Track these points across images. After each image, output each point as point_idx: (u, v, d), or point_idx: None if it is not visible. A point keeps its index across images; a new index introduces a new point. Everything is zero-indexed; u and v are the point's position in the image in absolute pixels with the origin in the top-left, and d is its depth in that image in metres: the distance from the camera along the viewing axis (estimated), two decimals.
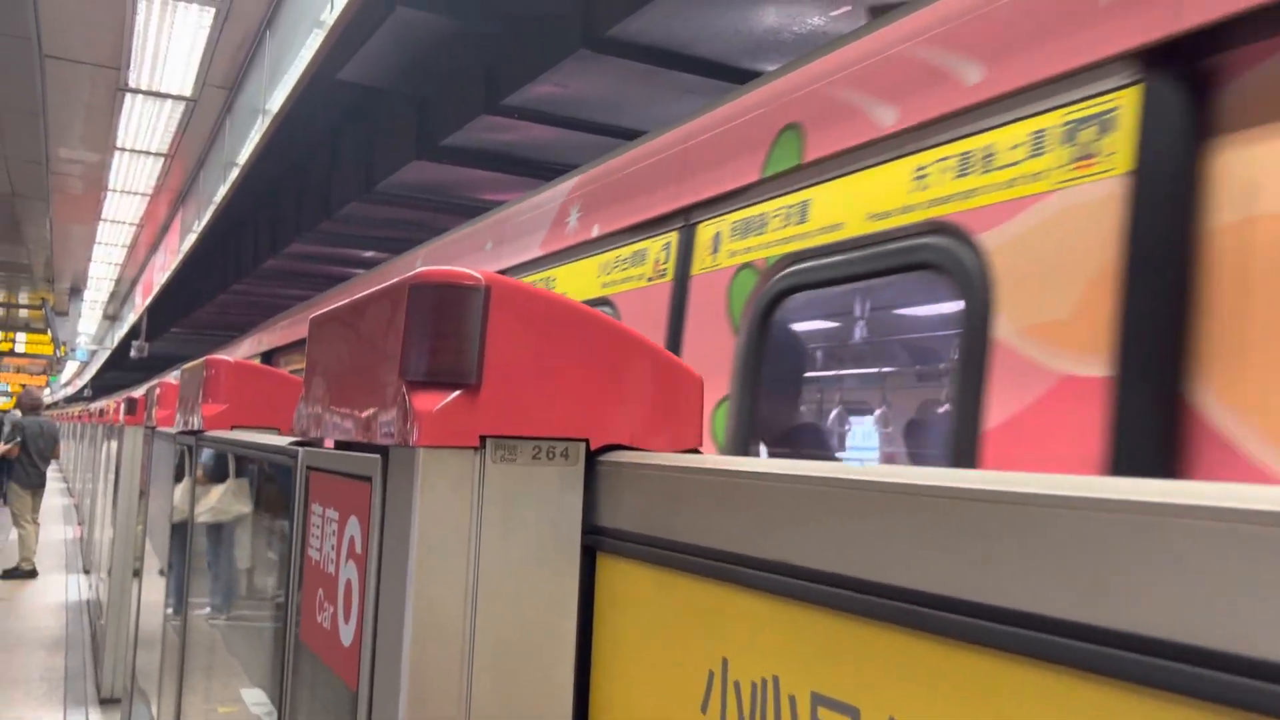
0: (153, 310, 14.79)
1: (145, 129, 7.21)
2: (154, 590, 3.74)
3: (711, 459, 0.94)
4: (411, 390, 1.06)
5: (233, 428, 2.66)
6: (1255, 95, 1.18)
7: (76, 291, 15.09)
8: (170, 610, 3.21)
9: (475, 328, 1.05)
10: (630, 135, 7.58)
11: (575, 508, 1.06)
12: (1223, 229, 1.21)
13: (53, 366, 37.77)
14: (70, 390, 46.09)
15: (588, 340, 1.10)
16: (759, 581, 0.80)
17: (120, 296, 16.85)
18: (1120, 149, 1.36)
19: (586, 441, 1.08)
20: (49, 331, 17.75)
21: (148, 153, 7.59)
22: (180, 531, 3.01)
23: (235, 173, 6.97)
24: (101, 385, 39.91)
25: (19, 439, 11.36)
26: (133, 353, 15.21)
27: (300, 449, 1.58)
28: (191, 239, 9.12)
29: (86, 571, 11.81)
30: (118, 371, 32.99)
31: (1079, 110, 1.40)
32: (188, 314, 16.05)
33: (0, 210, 9.95)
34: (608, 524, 1.04)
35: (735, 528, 0.85)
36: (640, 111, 6.98)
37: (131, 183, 8.55)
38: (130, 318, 16.95)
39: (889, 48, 1.85)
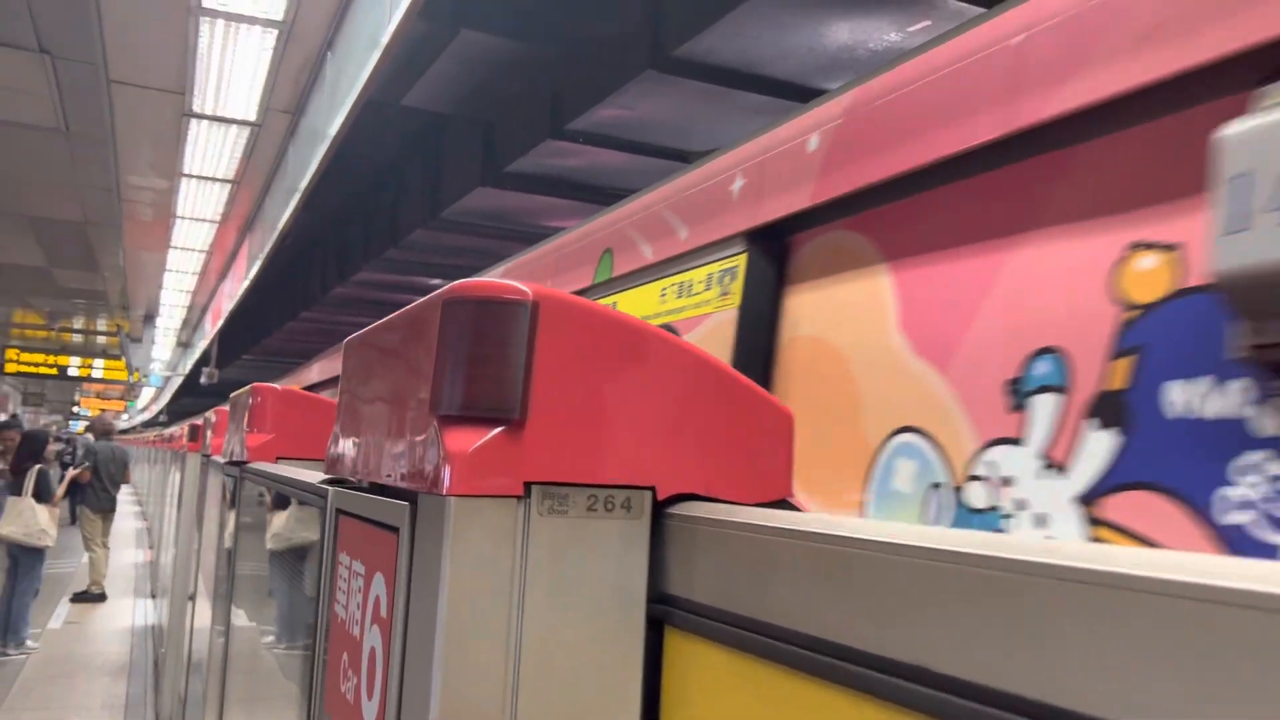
0: (222, 337, 14.97)
1: (211, 155, 7.24)
2: (207, 616, 3.65)
3: (813, 517, 0.75)
4: (444, 426, 0.89)
5: (277, 459, 2.53)
6: (805, 263, 1.90)
7: (150, 318, 15.35)
8: (219, 636, 3.11)
9: (520, 351, 0.88)
10: (695, 158, 7.43)
11: (640, 570, 0.88)
12: (788, 341, 1.92)
13: (129, 392, 38.70)
14: (146, 415, 47.16)
15: (656, 367, 0.92)
16: (877, 686, 0.61)
17: (192, 324, 17.11)
18: (737, 291, 2.07)
19: (653, 490, 0.90)
20: (124, 358, 18.11)
21: (214, 179, 7.62)
22: (229, 557, 2.92)
23: (297, 198, 6.94)
24: (177, 410, 40.76)
25: (90, 464, 11.51)
26: (202, 379, 15.40)
27: (331, 488, 1.41)
28: (258, 266, 9.16)
29: (154, 596, 11.88)
30: (191, 398, 33.66)
31: (722, 265, 2.18)
32: (257, 341, 16.24)
33: (75, 238, 10.12)
34: (679, 593, 0.85)
35: (846, 610, 0.65)
36: (708, 133, 6.81)
37: (199, 209, 8.62)
38: (201, 344, 17.21)
39: (649, 207, 2.60)
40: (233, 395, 3.02)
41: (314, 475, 1.75)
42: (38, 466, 8.35)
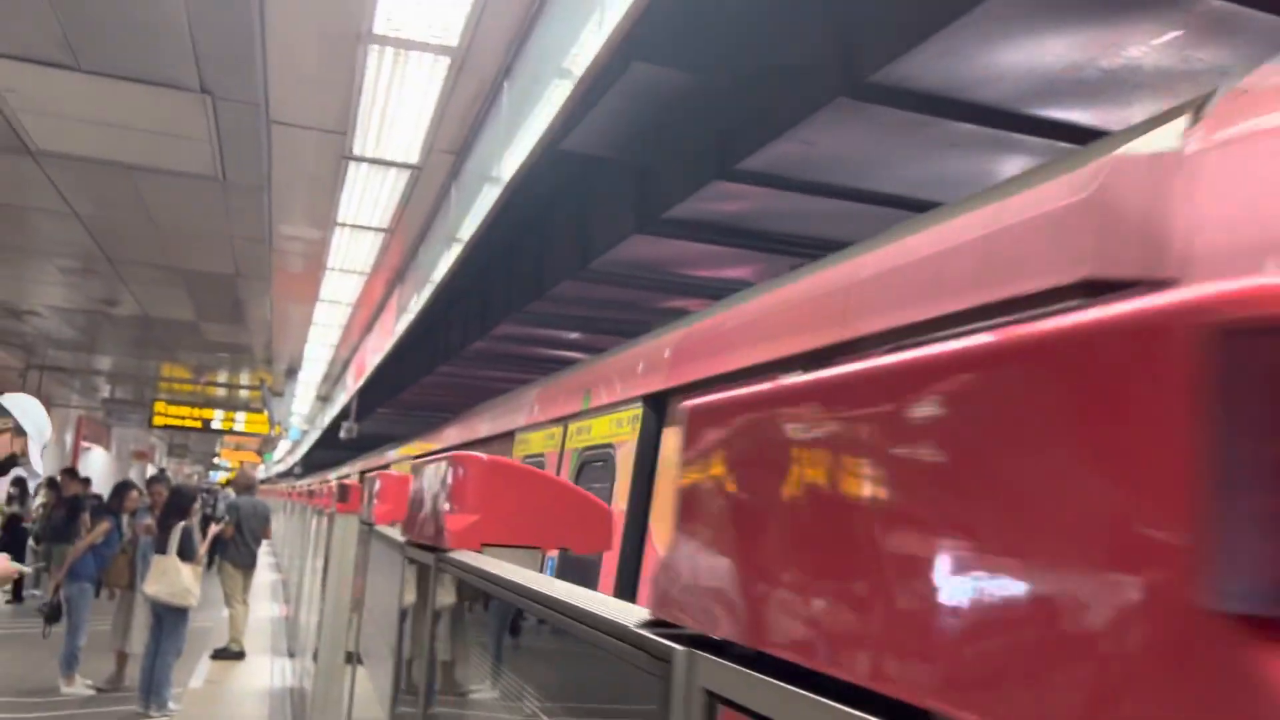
0: (363, 392, 14.90)
1: (368, 201, 6.96)
2: (371, 681, 3.82)
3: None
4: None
5: (482, 547, 1.99)
6: (671, 416, 3.77)
7: (292, 373, 15.43)
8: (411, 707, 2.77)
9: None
10: (880, 201, 6.72)
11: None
12: (664, 460, 4.01)
13: (266, 445, 39.71)
14: (282, 467, 48.42)
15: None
16: None
17: (332, 378, 17.17)
18: (636, 429, 4.18)
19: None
20: (266, 411, 18.30)
21: (368, 228, 7.35)
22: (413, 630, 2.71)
23: (459, 249, 6.59)
24: (310, 463, 41.63)
25: (233, 519, 11.41)
26: (342, 434, 15.37)
27: (683, 649, 0.86)
28: (407, 319, 8.89)
29: (291, 655, 11.62)
30: (325, 450, 34.22)
31: (633, 412, 4.38)
32: (392, 395, 16.12)
33: (225, 291, 10.10)
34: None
35: None
36: (894, 173, 6.18)
37: (351, 260, 8.41)
38: (341, 399, 17.24)
39: (607, 369, 4.22)
40: (419, 464, 2.52)
41: (590, 604, 1.21)
42: (182, 524, 8.17)
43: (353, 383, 14.02)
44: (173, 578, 7.96)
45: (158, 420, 19.55)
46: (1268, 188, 1.76)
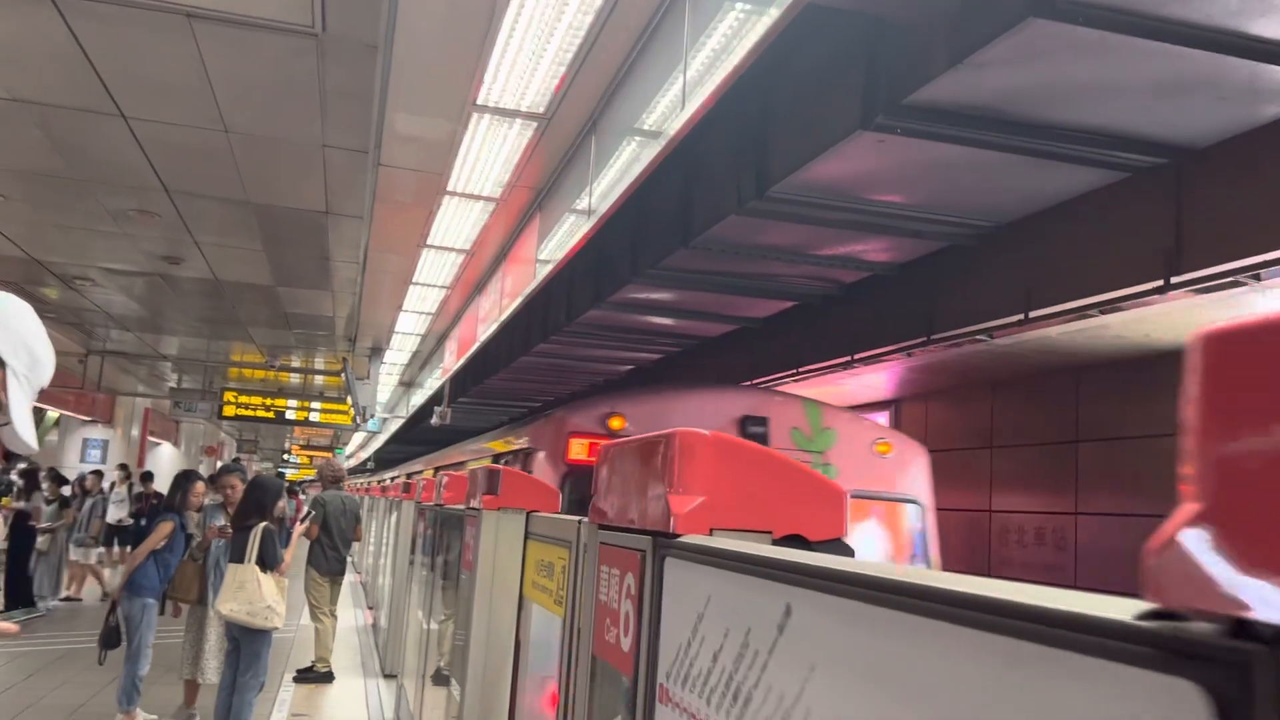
0: (457, 375, 13.20)
1: (514, 83, 5.05)
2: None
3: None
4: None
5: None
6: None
7: (377, 352, 13.71)
8: None
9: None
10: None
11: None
12: None
13: (337, 439, 38.31)
14: (354, 462, 47.23)
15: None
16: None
17: (421, 358, 15.40)
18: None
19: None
20: (348, 398, 16.56)
21: (515, 113, 5.44)
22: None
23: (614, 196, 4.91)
24: (383, 458, 40.32)
25: (318, 516, 9.68)
26: (434, 420, 13.68)
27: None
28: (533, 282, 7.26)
29: (386, 674, 9.85)
30: (397, 444, 32.78)
31: None
32: (486, 379, 14.41)
33: (309, 239, 8.20)
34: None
35: None
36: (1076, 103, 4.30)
37: (481, 176, 6.56)
38: (429, 384, 15.57)
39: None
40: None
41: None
42: (263, 525, 6.46)
43: (452, 359, 12.23)
44: (252, 592, 6.25)
45: (228, 411, 18.02)
46: None
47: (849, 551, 1.66)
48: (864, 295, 8.48)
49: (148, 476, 16.78)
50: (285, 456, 49.03)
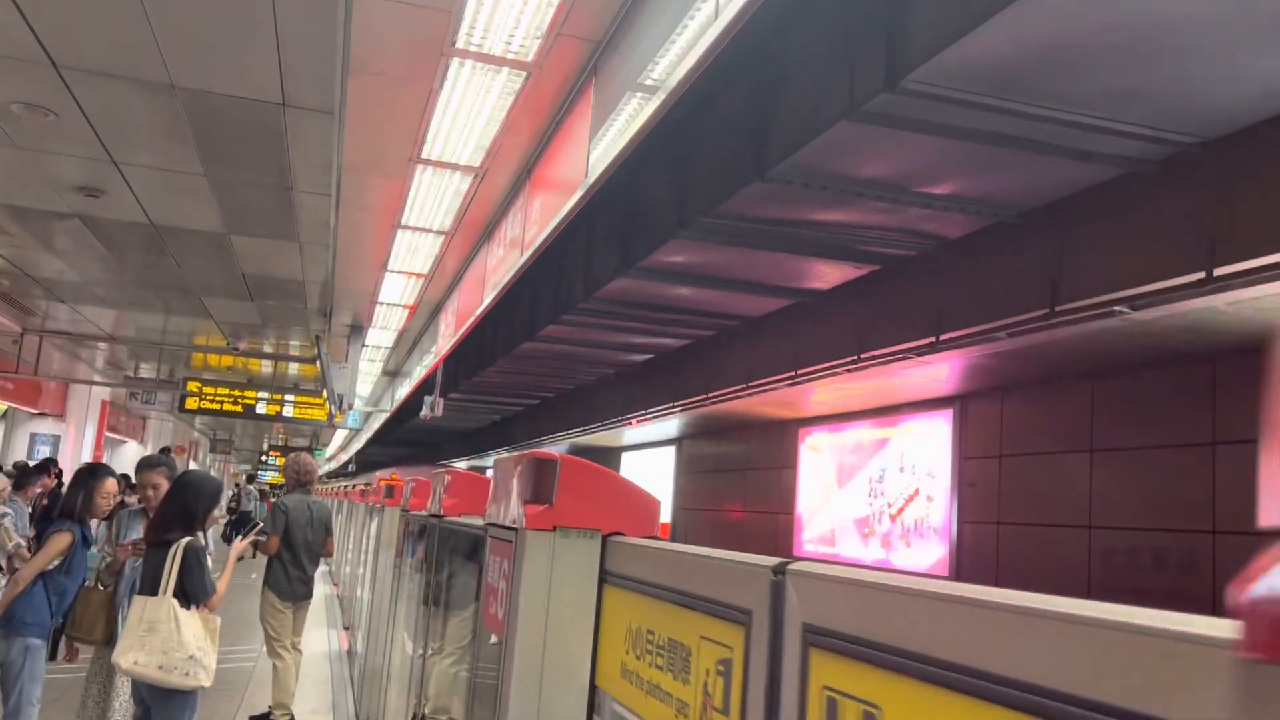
0: (450, 360, 11.31)
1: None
2: None
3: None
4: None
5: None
6: None
7: (358, 330, 11.81)
8: None
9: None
10: None
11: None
12: None
13: (317, 438, 36.25)
14: (333, 465, 45.09)
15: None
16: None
17: (409, 339, 13.43)
18: None
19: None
20: (323, 390, 14.55)
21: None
22: None
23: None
24: (364, 461, 38.33)
25: (278, 528, 7.78)
26: (424, 412, 11.82)
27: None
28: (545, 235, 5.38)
29: None
30: (379, 446, 30.80)
31: None
32: (482, 369, 12.56)
33: (263, 152, 6.21)
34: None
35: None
36: None
37: (470, 112, 4.69)
38: (416, 372, 13.67)
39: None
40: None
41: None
42: (186, 541, 4.59)
43: (447, 337, 10.32)
44: (167, 636, 4.40)
45: (190, 403, 16.08)
46: None
47: None
48: (962, 255, 6.72)
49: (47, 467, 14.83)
50: (263, 458, 46.94)
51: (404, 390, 15.83)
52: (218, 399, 16.61)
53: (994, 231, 6.37)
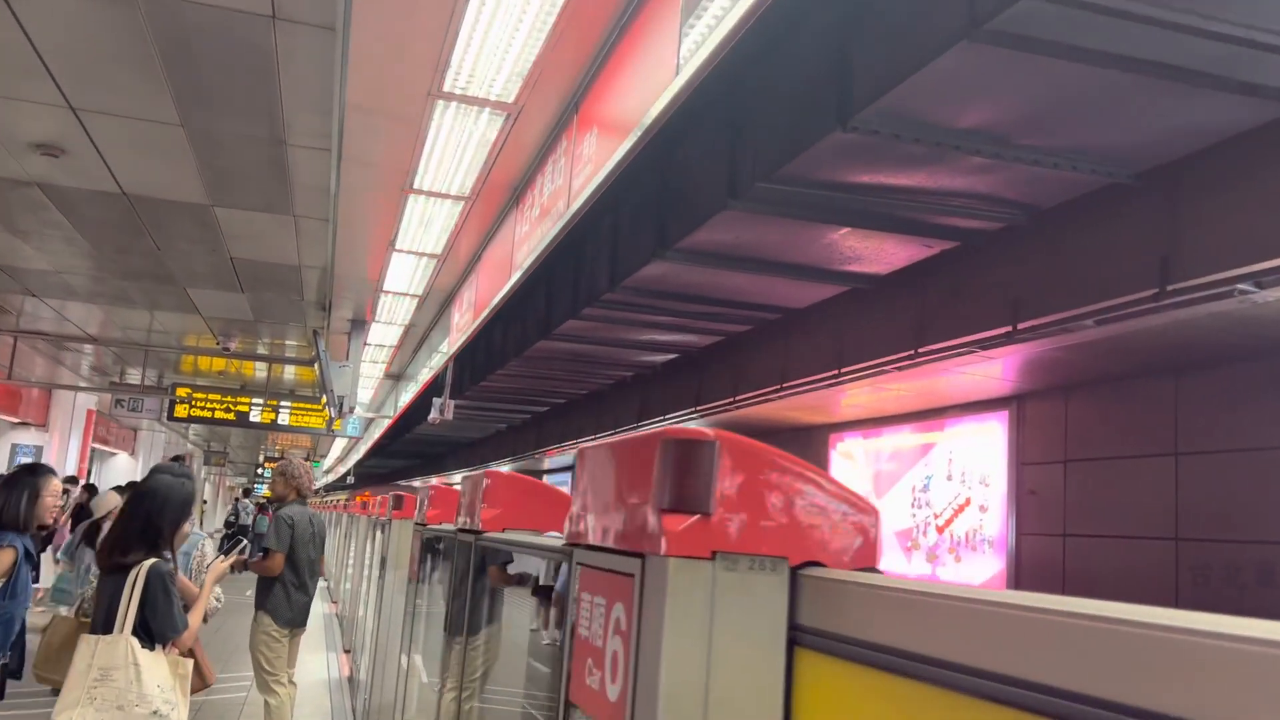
0: (461, 357, 10.36)
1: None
2: None
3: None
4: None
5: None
6: None
7: (359, 326, 10.88)
8: None
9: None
10: None
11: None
12: None
13: (315, 449, 35.19)
14: (332, 477, 44.05)
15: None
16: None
17: (418, 334, 12.39)
18: None
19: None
20: (323, 394, 13.55)
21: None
22: None
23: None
24: (362, 473, 37.32)
25: (283, 544, 6.76)
26: (432, 415, 10.88)
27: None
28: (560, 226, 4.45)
29: None
30: (379, 458, 29.79)
31: None
32: (494, 370, 11.63)
33: (249, 98, 5.24)
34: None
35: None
36: None
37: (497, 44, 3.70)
38: (423, 375, 12.72)
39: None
40: None
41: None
42: (149, 563, 3.65)
43: (459, 331, 9.36)
44: (123, 686, 3.48)
45: (180, 411, 15.13)
46: None
47: None
48: (1046, 228, 5.83)
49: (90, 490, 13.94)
50: (260, 471, 45.88)
51: (408, 395, 14.84)
52: (209, 406, 15.68)
53: (1092, 200, 5.49)
